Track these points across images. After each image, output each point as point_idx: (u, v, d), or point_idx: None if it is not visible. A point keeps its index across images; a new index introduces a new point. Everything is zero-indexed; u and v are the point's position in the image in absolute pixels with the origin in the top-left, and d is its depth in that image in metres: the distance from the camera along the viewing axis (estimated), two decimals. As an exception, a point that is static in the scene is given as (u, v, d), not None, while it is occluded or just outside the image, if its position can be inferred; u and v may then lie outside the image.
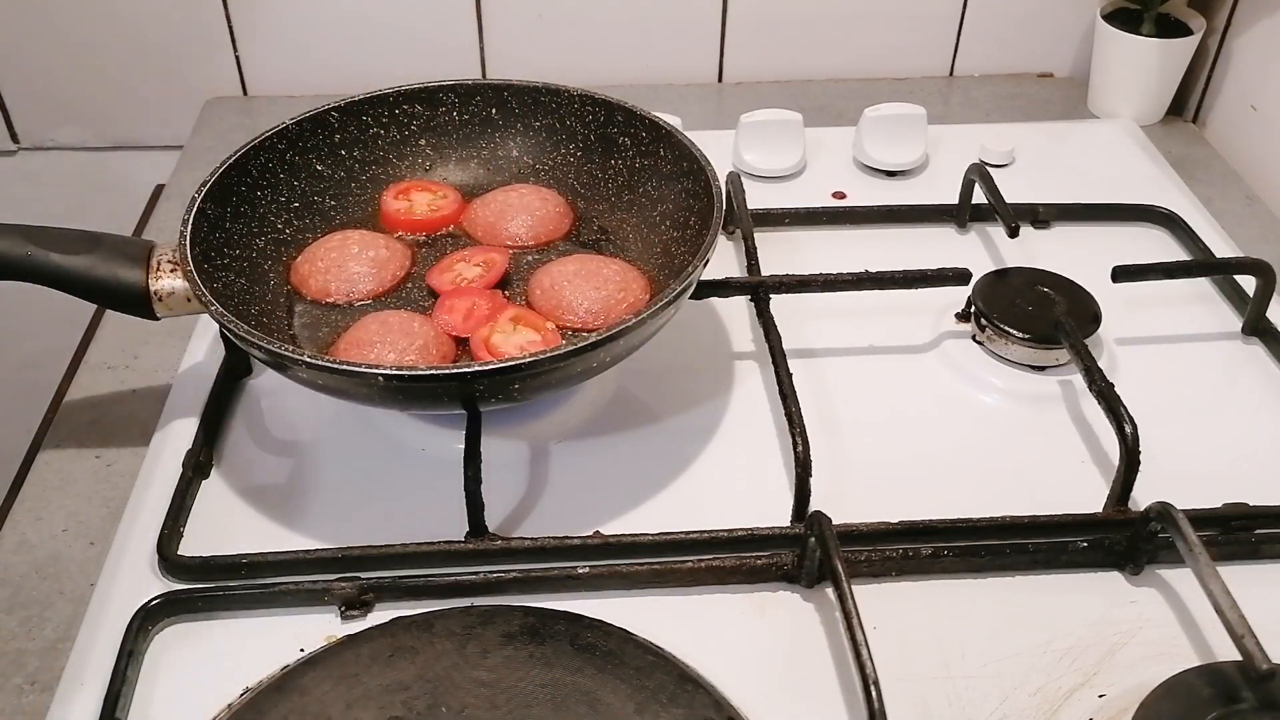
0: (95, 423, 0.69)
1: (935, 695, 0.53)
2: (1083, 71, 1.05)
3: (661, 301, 0.58)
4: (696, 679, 0.52)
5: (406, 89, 0.76)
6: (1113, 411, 0.62)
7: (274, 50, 1.02)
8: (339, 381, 0.57)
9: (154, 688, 0.53)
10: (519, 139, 0.77)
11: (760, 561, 0.58)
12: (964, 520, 0.59)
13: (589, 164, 0.76)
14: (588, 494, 0.63)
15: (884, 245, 0.82)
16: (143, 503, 0.62)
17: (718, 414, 0.68)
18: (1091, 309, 0.72)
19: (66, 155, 1.07)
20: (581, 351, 0.56)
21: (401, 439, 0.66)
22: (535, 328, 0.65)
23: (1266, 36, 0.93)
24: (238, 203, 0.69)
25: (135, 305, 0.64)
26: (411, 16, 1.00)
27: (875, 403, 0.69)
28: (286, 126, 0.72)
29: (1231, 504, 0.61)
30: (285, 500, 0.63)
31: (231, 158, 0.68)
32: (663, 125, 0.72)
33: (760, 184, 0.88)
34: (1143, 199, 0.86)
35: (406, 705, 0.50)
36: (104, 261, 0.62)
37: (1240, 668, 0.50)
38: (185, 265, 0.61)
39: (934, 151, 0.92)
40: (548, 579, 0.57)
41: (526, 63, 1.03)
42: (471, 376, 0.56)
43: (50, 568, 0.60)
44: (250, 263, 0.68)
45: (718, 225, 0.63)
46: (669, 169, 0.71)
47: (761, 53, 1.05)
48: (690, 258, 0.63)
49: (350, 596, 0.56)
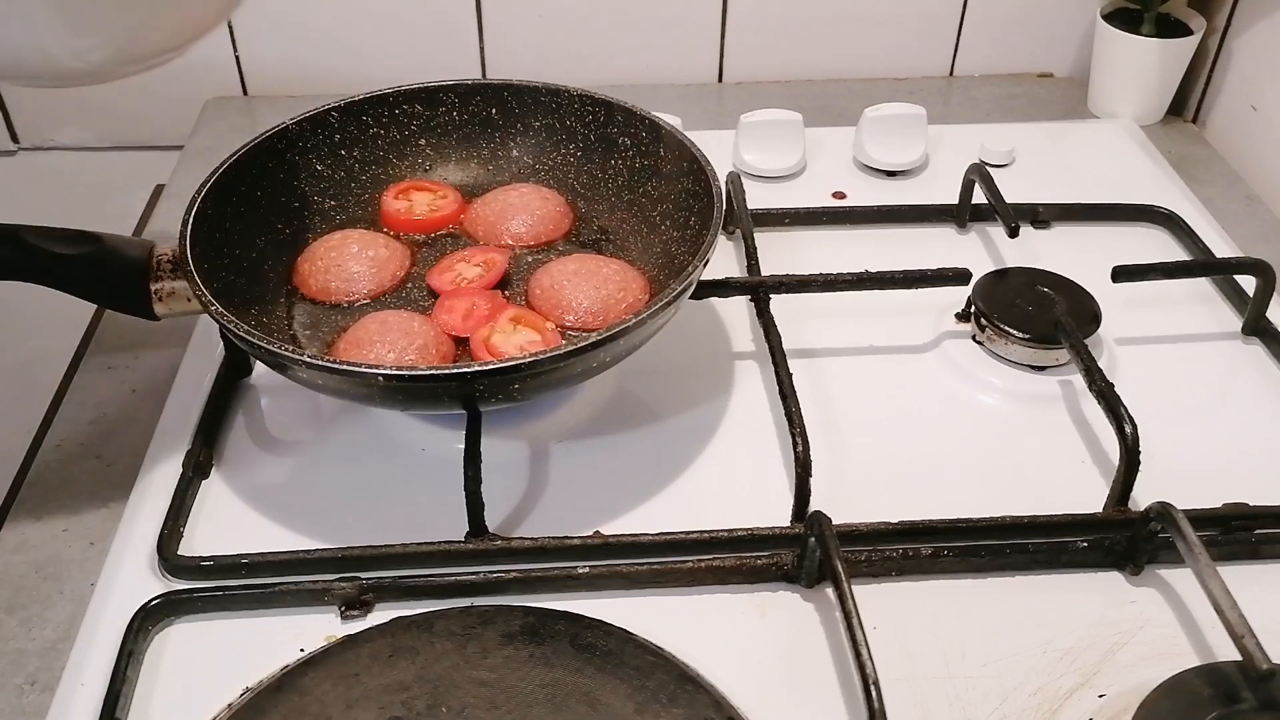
0: (95, 423, 0.69)
1: (935, 695, 0.53)
2: (1083, 71, 1.05)
3: (661, 301, 0.58)
4: (696, 679, 0.52)
5: (406, 89, 0.76)
6: (1113, 411, 0.62)
7: (274, 50, 1.02)
8: (339, 381, 0.57)
9: (154, 688, 0.53)
10: (519, 139, 0.77)
11: (760, 561, 0.58)
12: (964, 520, 0.59)
13: (589, 164, 0.76)
14: (588, 494, 0.63)
15: (884, 245, 0.82)
16: (143, 503, 0.62)
17: (718, 414, 0.68)
18: (1091, 309, 0.72)
19: (66, 155, 1.07)
20: (581, 351, 0.56)
21: (401, 439, 0.66)
22: (535, 328, 0.65)
23: (1266, 36, 0.93)
24: (238, 203, 0.69)
25: (135, 305, 0.64)
26: (411, 16, 1.00)
27: (875, 403, 0.69)
28: (286, 126, 0.72)
29: (1231, 504, 0.61)
30: (285, 500, 0.62)
31: (231, 158, 0.68)
32: (663, 125, 0.72)
33: (760, 184, 0.88)
34: (1143, 199, 0.86)
35: (406, 705, 0.50)
36: (104, 262, 0.62)
37: (1240, 668, 0.50)
38: (185, 265, 0.61)
39: (934, 151, 0.92)
40: (548, 579, 0.57)
41: (526, 63, 1.03)
42: (471, 376, 0.56)
43: (50, 568, 0.60)
44: (250, 263, 0.68)
45: (718, 225, 0.63)
46: (669, 169, 0.71)
47: (761, 53, 1.05)
48: (690, 258, 0.63)
49: (350, 596, 0.56)
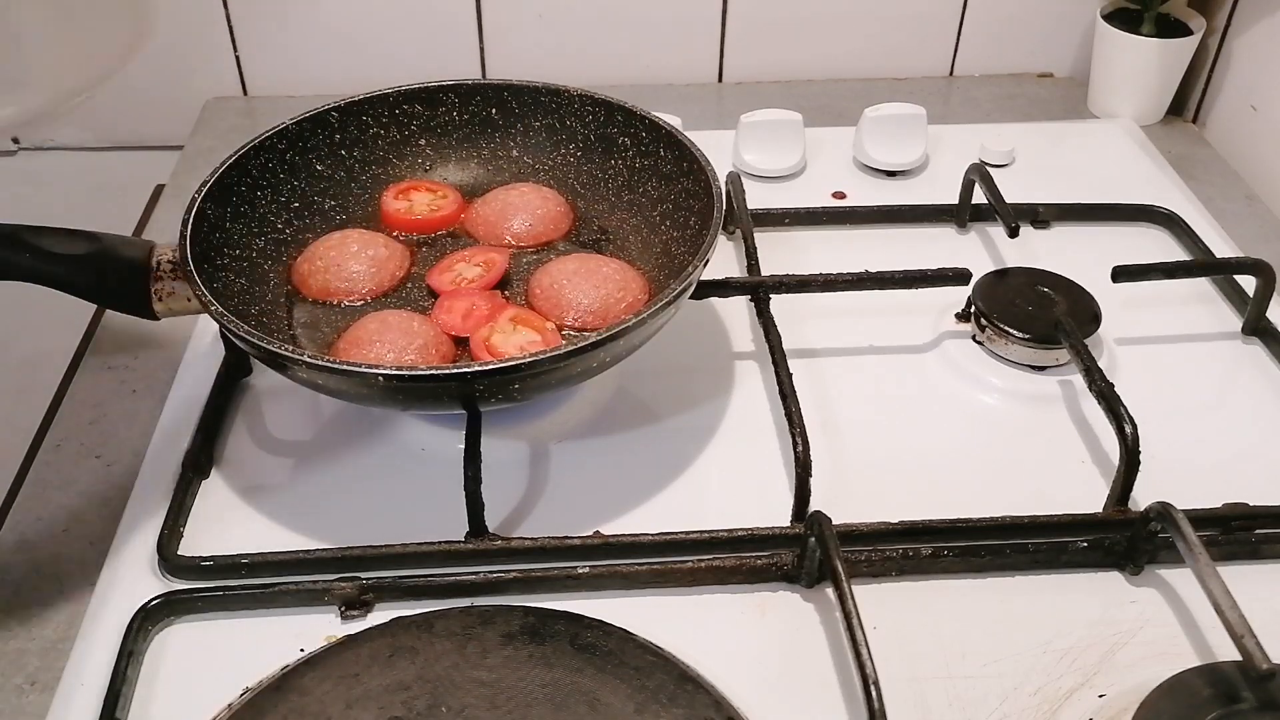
0: (95, 423, 0.69)
1: (935, 695, 0.53)
2: (1083, 71, 1.05)
3: (661, 301, 0.58)
4: (696, 679, 0.52)
5: (407, 89, 0.76)
6: (1113, 411, 0.62)
7: (274, 50, 1.02)
8: (339, 381, 0.57)
9: (154, 688, 0.53)
10: (519, 139, 0.77)
11: (760, 561, 0.58)
12: (964, 520, 0.59)
13: (589, 164, 0.76)
14: (588, 494, 0.63)
15: (884, 245, 0.82)
16: (143, 503, 0.62)
17: (718, 414, 0.68)
18: (1091, 309, 0.72)
19: (66, 155, 1.07)
20: (581, 351, 0.56)
21: (401, 439, 0.66)
22: (535, 328, 0.65)
23: (1266, 36, 0.93)
24: (238, 203, 0.69)
25: (135, 305, 0.63)
26: (411, 16, 1.00)
27: (875, 403, 0.69)
28: (286, 126, 0.72)
29: (1231, 504, 0.61)
30: (285, 500, 0.62)
31: (231, 158, 0.68)
32: (663, 125, 0.72)
33: (760, 184, 0.88)
34: (1143, 199, 0.86)
35: (406, 705, 0.50)
36: (104, 261, 0.62)
37: (1240, 668, 0.50)
38: (185, 265, 0.61)
39: (934, 151, 0.92)
40: (548, 579, 0.57)
41: (526, 63, 1.03)
42: (471, 376, 0.56)
43: (50, 568, 0.60)
44: (250, 263, 0.68)
45: (717, 225, 0.63)
46: (669, 169, 0.71)
47: (761, 53, 1.05)
48: (690, 258, 0.63)
49: (350, 596, 0.56)
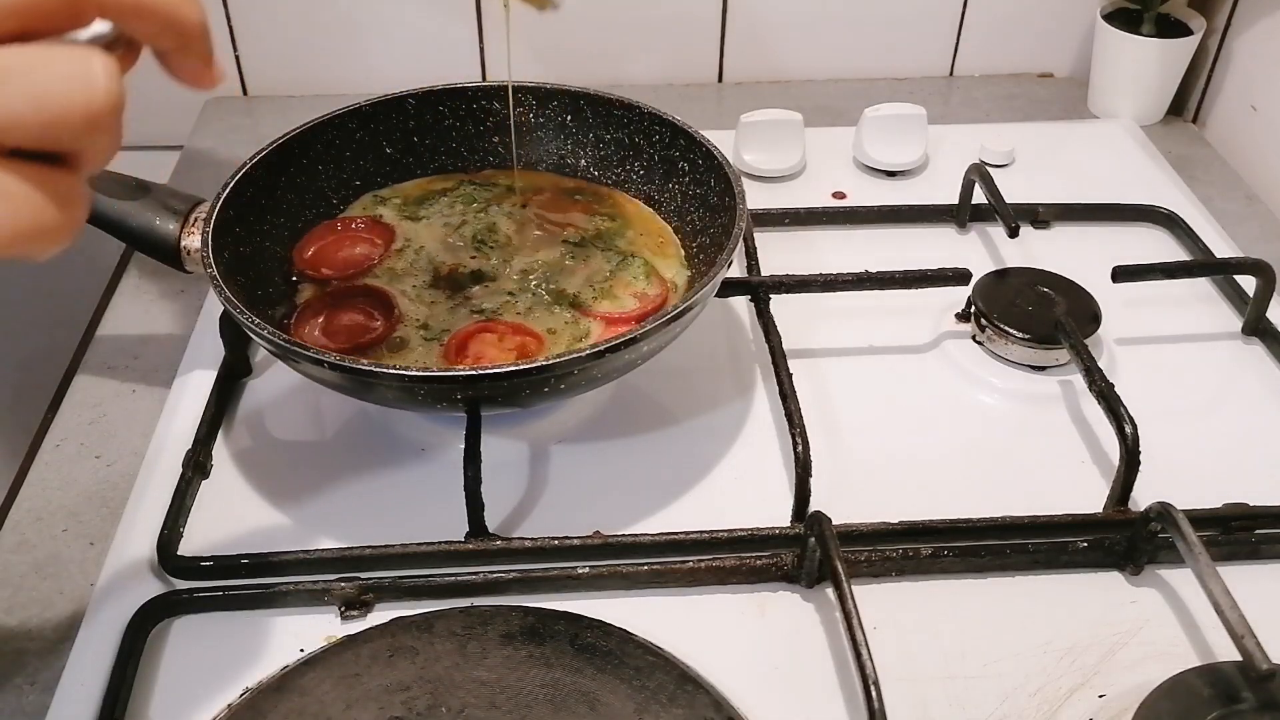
0: (95, 423, 0.69)
1: (935, 695, 0.53)
2: (1083, 71, 1.05)
3: (656, 321, 0.57)
4: (696, 679, 0.52)
5: (485, 86, 0.76)
6: (1113, 411, 0.62)
7: (274, 50, 1.02)
8: (338, 377, 0.57)
9: (153, 688, 0.53)
10: (590, 149, 0.77)
11: (760, 561, 0.58)
12: (964, 520, 0.59)
13: (648, 185, 0.75)
14: (588, 494, 0.63)
15: (884, 245, 0.82)
16: (143, 503, 0.62)
17: (718, 414, 0.68)
18: (1091, 309, 0.72)
19: (66, 155, 1.07)
20: (585, 359, 0.55)
21: (401, 439, 0.66)
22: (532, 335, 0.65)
23: (1266, 36, 0.93)
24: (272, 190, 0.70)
25: (166, 255, 0.66)
26: (411, 17, 1.00)
27: (875, 403, 0.69)
28: (360, 107, 0.73)
29: (1231, 504, 0.61)
30: (285, 500, 0.62)
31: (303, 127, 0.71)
32: (716, 154, 0.69)
33: (760, 184, 0.88)
34: (1143, 199, 0.86)
35: (406, 705, 0.50)
36: (147, 209, 0.66)
37: (1240, 668, 0.50)
38: (205, 228, 0.62)
39: (934, 151, 0.92)
40: (548, 579, 0.57)
41: (526, 63, 1.03)
42: (471, 378, 0.56)
43: (50, 568, 0.60)
44: (266, 250, 0.69)
45: (723, 266, 0.61)
46: (715, 201, 0.69)
47: (761, 53, 1.05)
48: (709, 266, 0.62)
49: (350, 596, 0.56)
